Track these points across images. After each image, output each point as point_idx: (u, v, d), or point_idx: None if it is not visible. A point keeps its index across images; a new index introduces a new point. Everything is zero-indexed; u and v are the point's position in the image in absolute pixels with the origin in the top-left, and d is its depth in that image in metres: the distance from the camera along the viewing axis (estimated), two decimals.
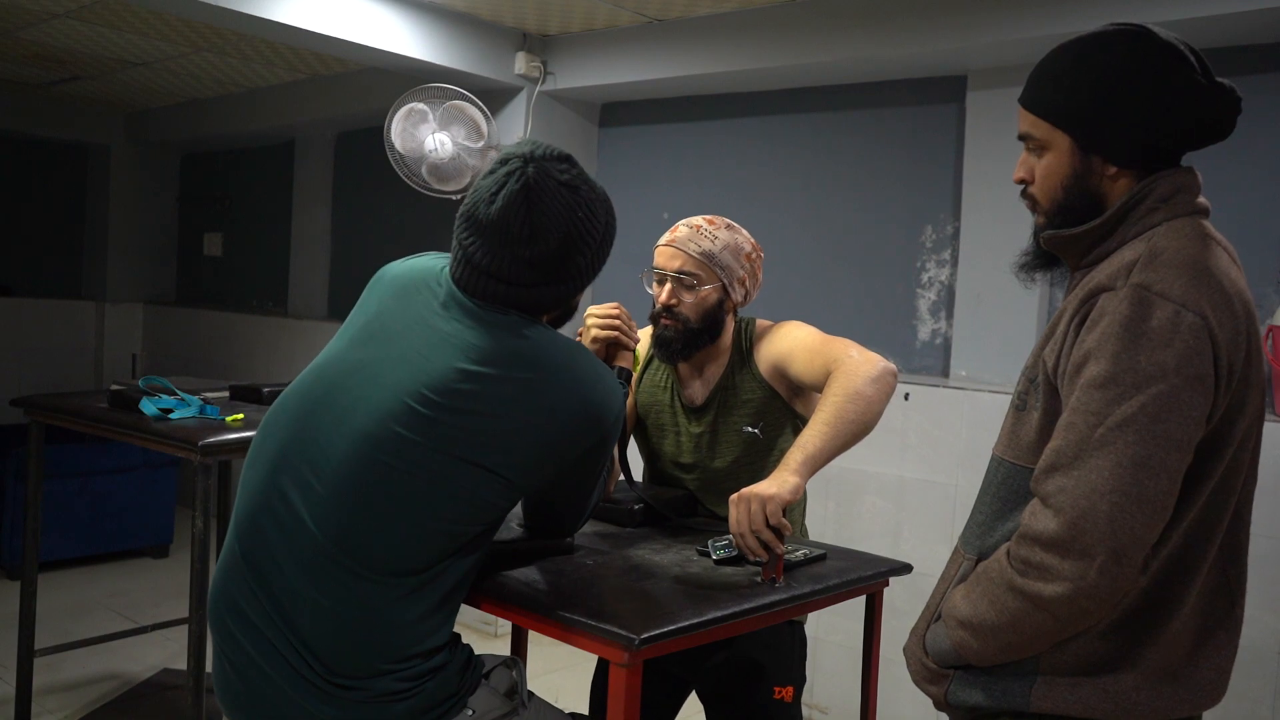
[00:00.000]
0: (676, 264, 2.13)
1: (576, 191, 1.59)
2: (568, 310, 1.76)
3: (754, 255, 2.19)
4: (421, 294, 1.64)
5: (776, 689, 2.11)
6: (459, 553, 1.57)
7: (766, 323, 2.23)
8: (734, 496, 1.74)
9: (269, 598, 1.55)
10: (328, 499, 1.52)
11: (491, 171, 1.60)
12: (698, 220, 2.18)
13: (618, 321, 2.02)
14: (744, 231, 2.20)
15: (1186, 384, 1.26)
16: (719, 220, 2.19)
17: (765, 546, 1.73)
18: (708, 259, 2.12)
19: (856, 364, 1.91)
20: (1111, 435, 1.27)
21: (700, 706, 2.27)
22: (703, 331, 2.14)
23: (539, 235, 1.56)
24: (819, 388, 1.98)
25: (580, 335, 2.05)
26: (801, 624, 2.22)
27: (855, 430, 1.85)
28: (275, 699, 1.56)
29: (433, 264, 1.70)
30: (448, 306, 1.60)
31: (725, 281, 2.13)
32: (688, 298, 2.12)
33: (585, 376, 1.62)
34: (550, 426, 1.56)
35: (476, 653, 1.72)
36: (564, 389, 1.58)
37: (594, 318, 2.03)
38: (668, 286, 2.14)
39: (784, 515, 1.73)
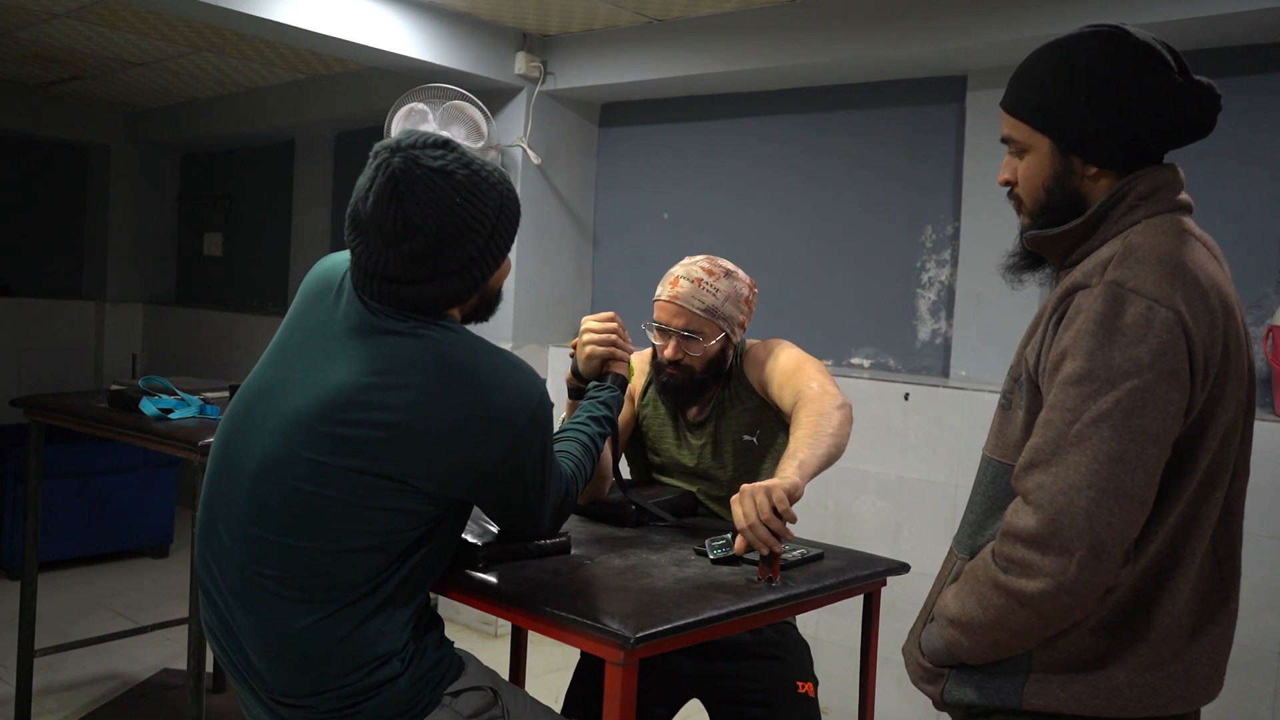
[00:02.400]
0: (681, 322, 2.14)
1: (451, 177, 1.48)
2: (487, 299, 1.66)
3: (751, 297, 2.23)
4: (325, 300, 1.59)
5: (800, 684, 2.14)
6: (399, 559, 1.54)
7: (754, 341, 2.28)
8: (735, 496, 1.74)
9: (221, 623, 1.57)
10: (246, 523, 1.51)
11: (367, 167, 1.52)
12: (697, 271, 2.16)
13: (614, 337, 2.01)
14: (740, 273, 2.22)
15: (1161, 379, 1.27)
16: (717, 268, 2.18)
17: (773, 536, 1.73)
18: (711, 314, 2.14)
19: (818, 394, 2.01)
20: (1087, 431, 1.28)
21: (689, 711, 2.27)
22: (708, 380, 2.20)
23: (414, 228, 1.46)
24: (787, 411, 2.08)
25: (575, 347, 2.04)
26: (794, 626, 2.24)
27: (833, 444, 1.91)
28: (255, 715, 1.58)
29: (340, 263, 1.64)
30: (346, 315, 1.55)
31: (728, 330, 2.17)
32: (694, 351, 2.15)
33: (487, 377, 1.53)
34: (455, 432, 1.50)
35: (479, 657, 1.70)
36: (464, 393, 1.50)
37: (590, 333, 2.01)
38: (673, 342, 2.16)
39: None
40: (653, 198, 4.45)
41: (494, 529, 1.89)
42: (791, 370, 2.11)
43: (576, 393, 2.05)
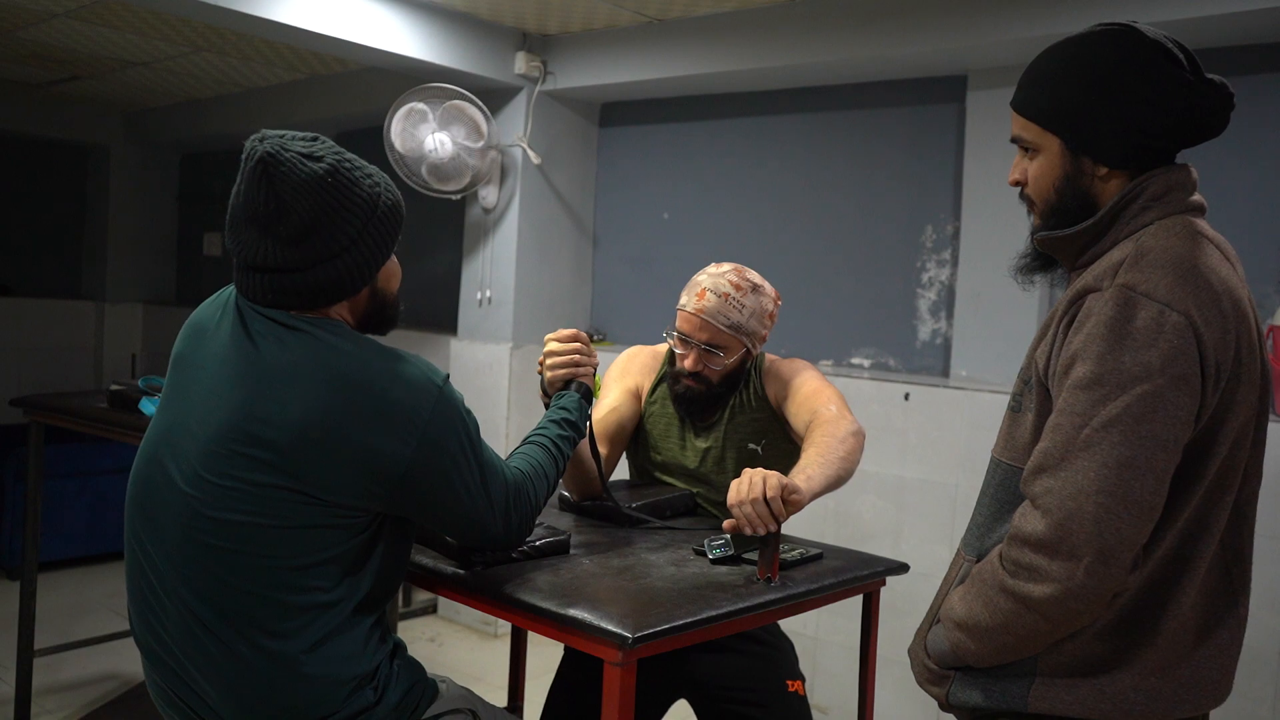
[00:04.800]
0: (705, 336, 2.15)
1: (321, 160, 1.46)
2: (380, 302, 1.59)
3: (775, 311, 2.24)
4: (207, 332, 1.55)
5: (789, 683, 2.14)
6: (349, 573, 1.49)
7: (773, 357, 2.30)
8: (736, 479, 1.76)
9: (177, 683, 1.51)
10: (184, 569, 1.46)
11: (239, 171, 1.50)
12: (725, 285, 2.15)
13: (576, 358, 1.97)
14: (766, 286, 2.22)
15: (1171, 384, 1.26)
16: (745, 282, 2.17)
17: (760, 540, 1.73)
18: (736, 330, 2.15)
19: (835, 418, 2.03)
20: (1097, 436, 1.27)
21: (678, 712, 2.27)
22: (726, 392, 2.22)
23: (286, 207, 1.43)
24: (800, 429, 2.10)
25: (541, 365, 2.01)
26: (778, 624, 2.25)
27: (842, 468, 1.93)
28: None
29: (223, 291, 1.61)
30: (232, 336, 1.50)
31: (749, 345, 2.19)
32: (715, 365, 2.17)
33: (378, 375, 1.46)
34: (354, 435, 1.42)
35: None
36: (356, 392, 1.43)
37: (553, 357, 1.96)
38: (694, 354, 2.17)
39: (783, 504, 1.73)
40: (653, 198, 4.45)
41: None
42: (811, 392, 2.14)
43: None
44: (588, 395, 1.95)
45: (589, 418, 1.96)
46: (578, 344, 1.98)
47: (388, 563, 1.56)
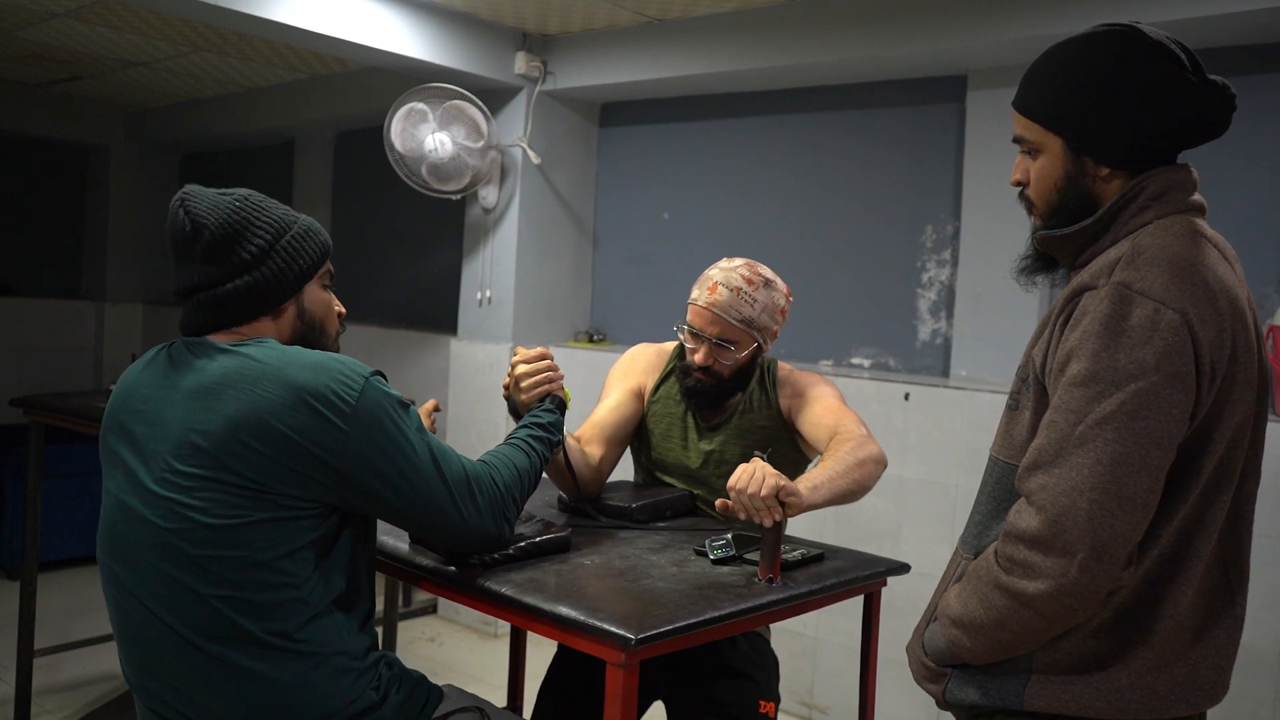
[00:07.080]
0: (716, 330, 2.15)
1: (232, 194, 1.60)
2: (307, 323, 1.65)
3: (786, 306, 2.24)
4: (137, 383, 1.60)
5: (762, 703, 2.15)
6: (317, 564, 1.50)
7: (789, 367, 2.30)
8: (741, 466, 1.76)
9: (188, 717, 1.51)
10: (161, 595, 1.47)
11: None
12: (737, 279, 2.16)
13: (548, 374, 1.97)
14: (778, 282, 2.22)
15: (1166, 381, 1.26)
16: (757, 276, 2.18)
17: (761, 540, 1.73)
18: (747, 325, 2.15)
19: (864, 439, 2.04)
20: (1091, 433, 1.28)
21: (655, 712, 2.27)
22: (736, 387, 2.23)
23: (200, 225, 1.55)
24: (817, 442, 2.11)
25: (507, 387, 2.01)
26: (768, 641, 2.26)
27: (852, 487, 1.94)
28: None
29: (139, 362, 1.66)
30: (161, 370, 1.57)
31: (760, 341, 2.19)
32: (725, 360, 2.17)
33: (301, 367, 1.49)
34: (282, 424, 1.45)
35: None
36: (279, 384, 1.47)
37: (528, 379, 1.96)
38: (705, 348, 2.17)
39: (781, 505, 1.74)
40: (653, 198, 4.45)
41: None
42: (835, 407, 2.16)
43: None
44: (560, 406, 1.97)
45: (562, 425, 1.96)
46: (546, 360, 1.99)
47: (356, 563, 1.57)
